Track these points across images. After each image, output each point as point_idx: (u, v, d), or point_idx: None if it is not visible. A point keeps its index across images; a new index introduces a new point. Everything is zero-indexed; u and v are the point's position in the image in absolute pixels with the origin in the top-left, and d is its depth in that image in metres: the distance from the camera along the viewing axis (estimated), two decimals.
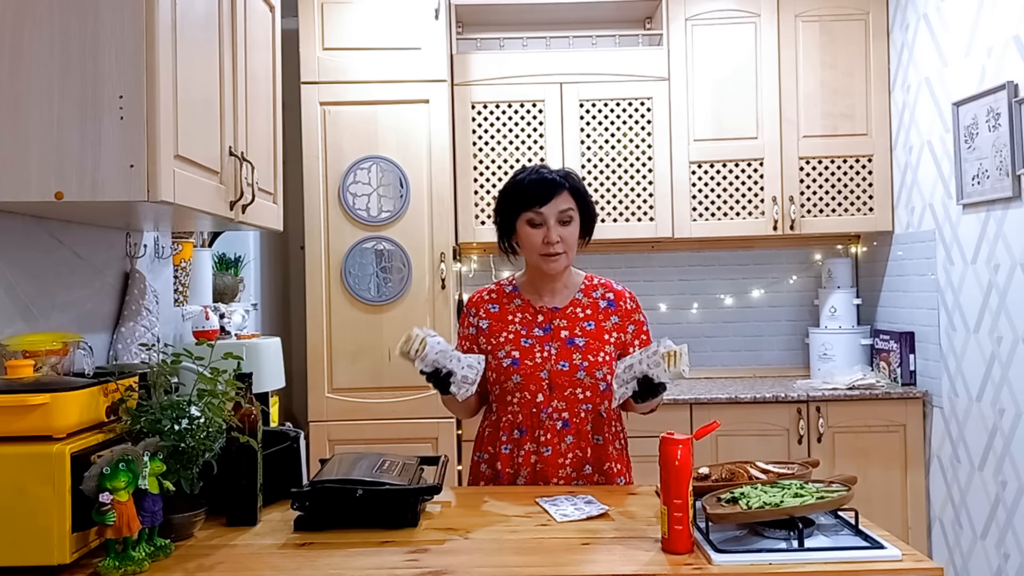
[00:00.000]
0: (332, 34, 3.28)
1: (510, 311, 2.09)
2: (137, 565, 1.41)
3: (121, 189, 1.50)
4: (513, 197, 2.04)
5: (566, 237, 2.00)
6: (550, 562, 1.46)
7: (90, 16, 1.51)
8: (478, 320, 2.10)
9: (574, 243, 2.03)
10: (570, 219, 2.01)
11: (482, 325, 2.09)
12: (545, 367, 2.01)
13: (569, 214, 2.01)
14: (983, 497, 2.97)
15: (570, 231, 2.02)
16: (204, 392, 1.64)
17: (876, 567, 1.40)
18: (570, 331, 2.04)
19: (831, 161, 3.54)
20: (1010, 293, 2.80)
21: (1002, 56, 2.80)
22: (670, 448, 1.48)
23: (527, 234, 2.02)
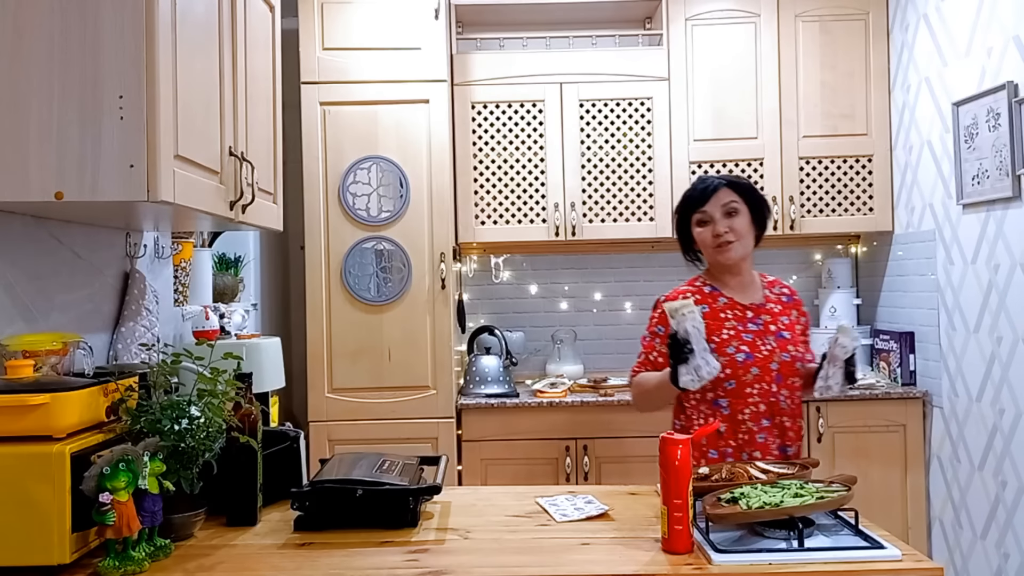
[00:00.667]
0: (332, 34, 3.28)
1: (720, 309, 2.15)
2: (137, 565, 1.41)
3: (121, 189, 1.50)
4: (682, 205, 2.21)
5: (735, 227, 2.11)
6: (550, 562, 1.46)
7: (90, 16, 1.51)
8: None
9: (744, 232, 2.13)
10: (735, 210, 2.12)
11: None
12: (774, 358, 2.09)
13: (732, 206, 2.11)
14: (983, 497, 2.97)
15: (738, 222, 2.12)
16: (204, 392, 1.64)
17: (876, 567, 1.40)
18: (776, 325, 2.15)
19: (831, 161, 3.54)
20: (1010, 293, 2.80)
21: (1002, 56, 2.80)
22: (670, 448, 1.48)
23: (699, 233, 2.16)
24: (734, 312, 2.14)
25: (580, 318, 3.86)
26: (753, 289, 2.20)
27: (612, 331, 3.86)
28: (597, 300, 3.87)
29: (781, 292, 2.24)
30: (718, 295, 2.17)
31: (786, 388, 2.11)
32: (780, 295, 2.23)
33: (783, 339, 2.13)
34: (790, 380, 2.12)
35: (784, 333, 2.14)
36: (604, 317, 3.87)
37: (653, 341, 2.18)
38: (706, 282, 2.22)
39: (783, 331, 2.14)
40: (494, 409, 3.26)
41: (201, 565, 1.47)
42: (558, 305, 3.88)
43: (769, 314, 2.16)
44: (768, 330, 2.13)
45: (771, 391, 2.09)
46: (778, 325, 2.15)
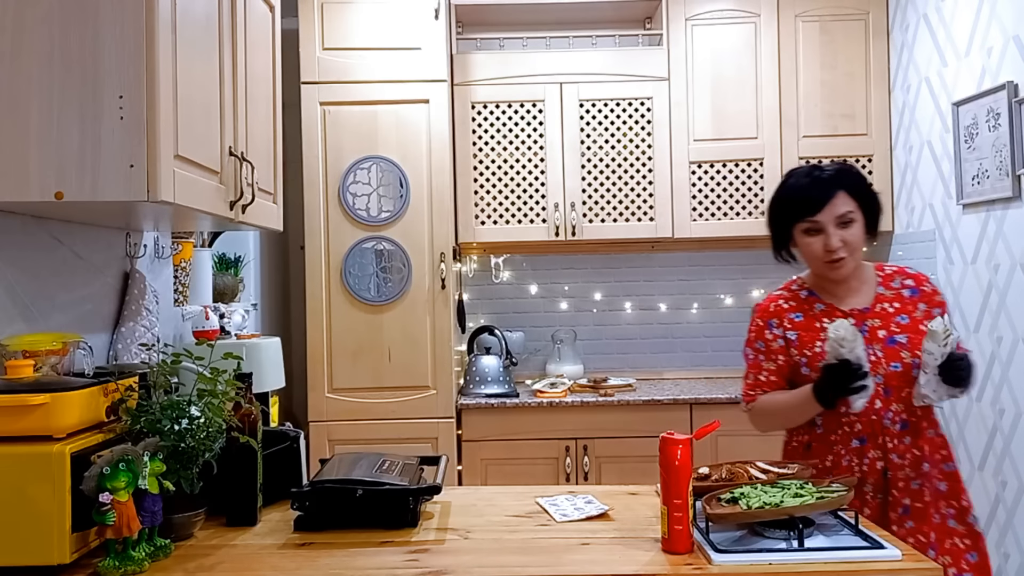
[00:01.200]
0: (332, 34, 3.28)
1: (815, 317, 1.96)
2: (137, 565, 1.41)
3: (121, 189, 1.50)
4: (785, 206, 1.96)
5: (849, 240, 1.89)
6: (550, 562, 1.46)
7: (90, 16, 1.51)
8: (784, 331, 1.98)
9: (859, 244, 1.91)
10: (851, 220, 1.89)
11: (790, 336, 1.97)
12: (877, 371, 1.86)
13: (849, 216, 1.89)
14: (983, 497, 2.97)
15: (852, 233, 1.90)
16: (204, 392, 1.64)
17: (876, 567, 1.40)
18: (887, 329, 1.91)
19: (831, 161, 3.53)
20: (1010, 293, 2.80)
21: (1002, 56, 2.80)
22: (670, 448, 1.48)
23: (805, 243, 1.94)
24: (832, 320, 1.89)
25: (580, 318, 3.86)
26: (862, 292, 1.97)
27: (612, 331, 3.86)
28: (597, 300, 3.87)
29: (903, 285, 1.99)
30: (815, 301, 1.99)
31: (899, 402, 1.87)
32: (901, 289, 1.98)
33: (894, 346, 1.88)
34: (905, 392, 1.86)
35: (898, 338, 1.89)
36: (604, 317, 3.87)
37: (758, 358, 2.01)
38: (803, 285, 2.04)
39: (896, 335, 1.90)
40: (494, 409, 3.26)
41: (201, 565, 1.47)
42: (558, 305, 3.88)
43: (878, 318, 1.93)
44: (875, 337, 1.90)
45: (872, 408, 1.86)
46: (889, 330, 1.91)
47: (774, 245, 2.04)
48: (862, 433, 1.88)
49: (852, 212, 1.90)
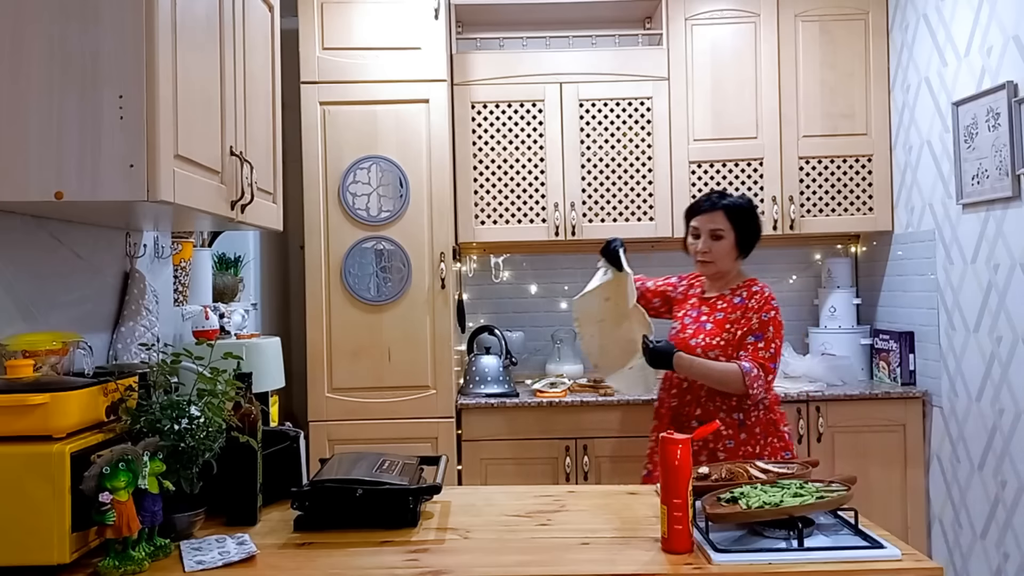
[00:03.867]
0: (332, 34, 3.27)
1: (691, 296, 2.68)
2: (137, 565, 1.42)
3: (121, 189, 1.50)
4: (688, 208, 2.65)
5: (714, 250, 2.53)
6: (550, 562, 1.46)
7: (90, 16, 1.51)
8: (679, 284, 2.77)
9: (723, 256, 2.54)
10: (721, 236, 2.52)
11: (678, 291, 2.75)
12: (682, 339, 2.56)
13: (719, 233, 2.52)
14: (983, 497, 2.97)
15: (719, 246, 2.53)
16: (204, 392, 1.64)
17: (876, 567, 1.40)
18: (708, 316, 2.56)
19: (831, 161, 3.54)
20: (1010, 293, 2.80)
21: (1002, 56, 2.80)
22: (669, 448, 1.48)
23: (689, 241, 2.60)
24: (695, 300, 2.65)
25: None
26: (718, 289, 2.60)
27: None
28: None
29: (740, 295, 2.55)
30: (697, 285, 2.70)
31: None
32: (734, 297, 2.55)
33: (699, 327, 2.55)
34: None
35: (707, 324, 2.54)
36: None
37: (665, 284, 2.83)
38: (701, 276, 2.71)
39: (708, 322, 2.55)
40: (494, 409, 3.26)
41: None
42: (558, 305, 3.88)
43: (708, 306, 2.59)
44: (699, 319, 2.58)
45: None
46: (709, 317, 2.56)
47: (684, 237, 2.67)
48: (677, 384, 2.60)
49: (723, 231, 2.53)
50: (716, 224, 2.52)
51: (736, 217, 2.53)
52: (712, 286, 2.63)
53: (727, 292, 2.57)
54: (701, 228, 2.55)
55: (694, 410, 2.52)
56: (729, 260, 2.56)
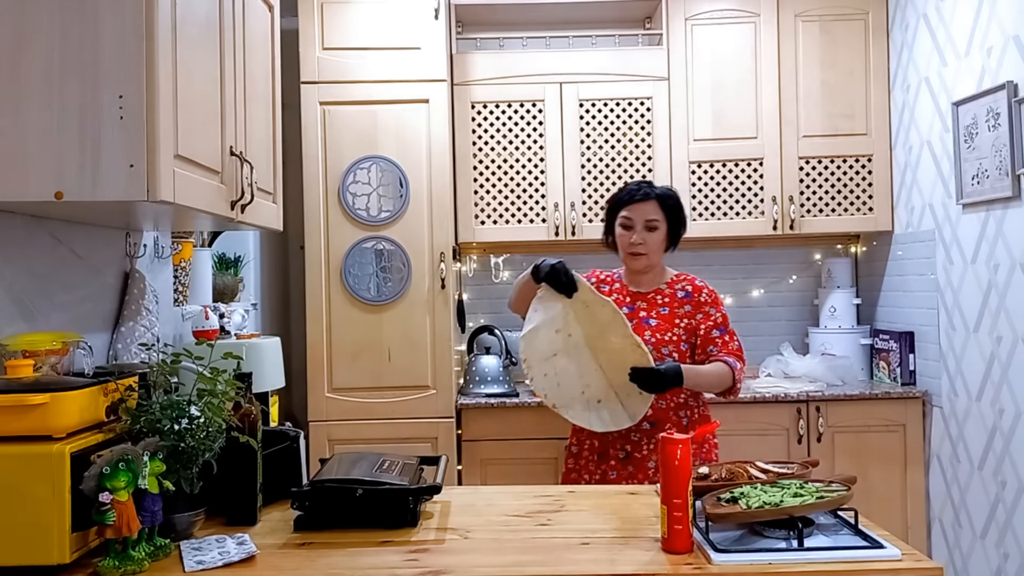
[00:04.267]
0: (332, 34, 3.28)
1: (612, 292, 2.49)
2: (137, 565, 1.41)
3: (121, 189, 1.50)
4: (614, 199, 2.49)
5: (649, 242, 2.40)
6: (550, 562, 1.46)
7: (90, 16, 1.51)
8: None
9: (656, 247, 2.43)
10: (655, 227, 2.41)
11: None
12: None
13: (655, 223, 2.40)
14: (983, 497, 2.97)
15: (653, 237, 2.41)
16: (204, 392, 1.64)
17: (876, 567, 1.40)
18: (647, 312, 2.44)
19: (831, 161, 3.54)
20: (1010, 293, 2.80)
21: (1002, 56, 2.80)
22: (669, 448, 1.48)
23: (620, 234, 2.46)
24: (619, 296, 2.48)
25: None
26: (650, 284, 2.49)
27: None
28: None
29: (682, 288, 2.47)
30: (618, 281, 2.54)
31: None
32: (678, 291, 2.46)
33: (644, 325, 2.41)
34: None
35: (650, 320, 2.43)
36: None
37: None
38: (619, 272, 2.57)
39: (650, 319, 2.43)
40: (494, 409, 3.26)
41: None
42: None
43: (646, 301, 2.47)
44: (636, 315, 2.43)
45: None
46: (648, 313, 2.44)
47: (604, 233, 2.55)
48: None
49: (658, 222, 2.42)
50: (651, 215, 2.41)
51: (669, 207, 2.43)
52: (638, 281, 2.50)
53: (663, 286, 2.47)
54: (635, 219, 2.41)
55: None
56: (660, 253, 2.45)
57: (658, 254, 2.44)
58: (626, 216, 2.42)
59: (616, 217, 2.46)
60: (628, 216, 2.42)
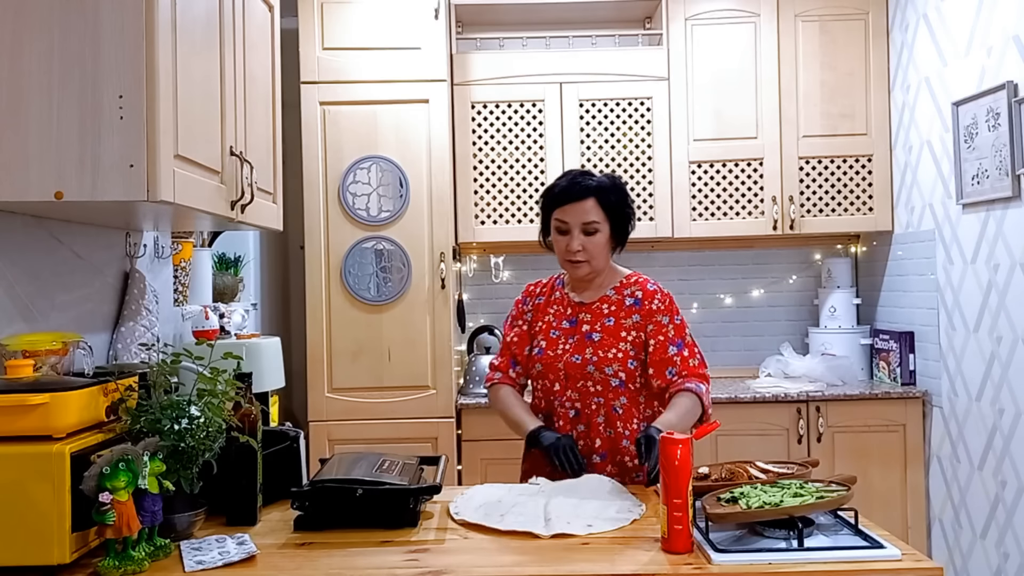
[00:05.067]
0: (332, 34, 3.28)
1: (551, 303, 2.18)
2: (137, 565, 1.41)
3: (121, 189, 1.50)
4: (546, 197, 2.12)
5: (589, 247, 2.04)
6: (550, 562, 1.46)
7: (90, 16, 1.51)
8: (527, 309, 2.21)
9: (599, 252, 2.06)
10: (595, 230, 2.04)
11: (528, 317, 2.21)
12: (563, 359, 2.07)
13: (594, 226, 2.04)
14: (983, 497, 2.97)
15: (594, 241, 2.04)
16: (204, 392, 1.64)
17: (876, 567, 1.40)
18: (591, 326, 2.09)
19: (831, 161, 3.54)
20: (1010, 293, 2.80)
21: (1002, 56, 2.80)
22: (669, 448, 1.48)
23: (556, 239, 2.10)
24: (558, 308, 2.15)
25: None
26: (595, 290, 2.13)
27: None
28: None
29: (630, 295, 2.09)
30: (558, 289, 2.19)
31: (576, 391, 2.06)
32: (627, 297, 2.09)
33: (588, 341, 2.06)
34: (580, 383, 2.05)
35: (594, 335, 2.06)
36: None
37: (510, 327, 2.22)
38: (561, 276, 2.22)
39: (594, 333, 2.07)
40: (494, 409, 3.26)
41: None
42: None
43: (590, 312, 2.10)
44: (578, 330, 2.09)
45: (551, 389, 2.09)
46: (592, 326, 2.08)
47: (540, 231, 2.18)
48: (544, 410, 2.13)
49: (598, 223, 2.04)
50: (589, 216, 2.03)
51: (610, 204, 2.05)
52: (582, 289, 2.14)
53: (610, 292, 2.11)
54: (570, 222, 2.04)
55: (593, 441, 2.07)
56: (605, 257, 2.09)
57: (602, 258, 2.08)
58: (560, 220, 2.05)
59: (551, 217, 2.09)
60: (562, 220, 2.05)
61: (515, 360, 2.20)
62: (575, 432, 2.06)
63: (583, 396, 2.06)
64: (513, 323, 2.22)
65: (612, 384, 2.05)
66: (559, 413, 2.08)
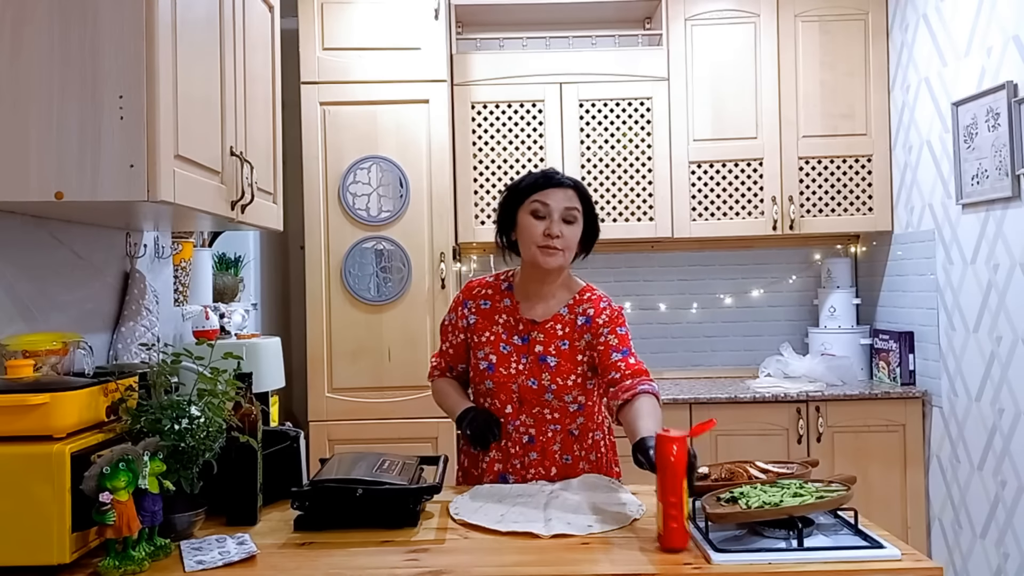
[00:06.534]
0: (332, 34, 3.28)
1: (498, 311, 2.03)
2: (137, 565, 1.41)
3: (121, 189, 1.50)
4: (521, 184, 1.98)
5: (567, 236, 1.93)
6: (550, 562, 1.46)
7: (90, 16, 1.51)
8: (469, 313, 2.06)
9: (573, 245, 1.96)
10: (574, 219, 1.95)
11: (470, 320, 2.06)
12: (517, 380, 1.98)
13: (574, 214, 1.95)
14: (983, 497, 2.97)
15: (572, 231, 1.95)
16: (204, 392, 1.64)
17: (876, 567, 1.40)
18: (544, 347, 1.97)
19: (831, 161, 3.54)
20: (1009, 293, 2.80)
21: (1002, 56, 2.80)
22: (665, 445, 1.48)
23: (529, 224, 1.94)
24: (507, 319, 2.01)
25: None
26: (549, 305, 2.00)
27: None
28: None
29: (582, 313, 1.98)
30: (507, 295, 2.04)
31: (528, 415, 1.98)
32: (578, 316, 1.98)
33: (542, 364, 1.96)
34: (536, 409, 1.98)
35: (548, 359, 1.96)
36: None
37: (447, 331, 2.11)
38: (509, 278, 2.08)
39: (549, 356, 1.96)
40: None
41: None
42: None
43: (543, 332, 1.98)
44: (531, 350, 1.97)
45: (503, 411, 1.99)
46: (546, 349, 1.96)
47: (498, 230, 2.06)
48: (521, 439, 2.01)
49: (577, 213, 1.96)
50: (571, 202, 1.95)
51: (586, 200, 1.98)
52: (534, 297, 2.01)
53: (563, 311, 1.99)
54: (553, 206, 1.92)
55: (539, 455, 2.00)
56: (571, 254, 1.98)
57: (571, 254, 1.97)
58: (540, 201, 1.93)
59: (521, 205, 1.96)
60: (543, 201, 1.92)
61: (451, 368, 2.13)
62: (527, 459, 1.98)
63: (538, 423, 1.98)
64: (450, 331, 2.09)
65: (571, 409, 1.98)
66: (512, 438, 1.98)
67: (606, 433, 2.08)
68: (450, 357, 2.12)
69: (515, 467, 2.00)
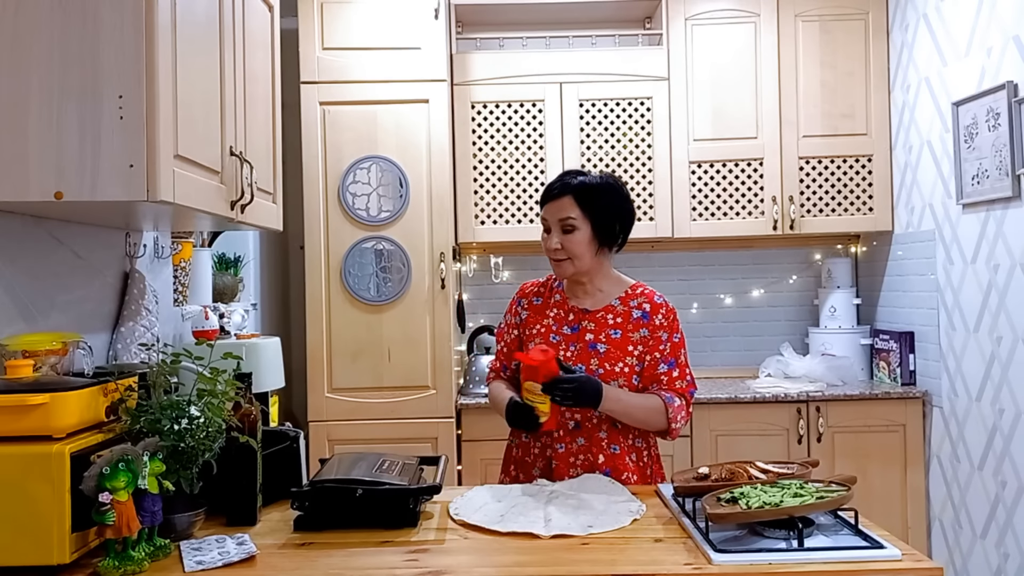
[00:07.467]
0: (332, 34, 3.28)
1: (549, 305, 2.13)
2: (137, 565, 1.41)
3: (121, 189, 1.50)
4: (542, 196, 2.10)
5: (567, 245, 2.00)
6: (550, 562, 1.46)
7: (90, 16, 1.51)
8: (522, 310, 2.17)
9: (580, 251, 2.00)
10: (572, 228, 2.00)
11: (523, 316, 2.16)
12: None
13: (571, 223, 2.00)
14: (983, 497, 2.97)
15: (572, 239, 2.00)
16: (204, 392, 1.64)
17: (876, 567, 1.40)
18: (595, 335, 2.03)
19: (831, 161, 3.54)
20: (1010, 293, 2.80)
21: (1002, 56, 2.80)
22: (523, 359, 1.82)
23: (542, 238, 2.08)
24: (558, 311, 2.09)
25: None
26: (597, 297, 2.08)
27: None
28: None
29: (637, 307, 2.06)
30: (557, 291, 2.14)
31: None
32: (633, 309, 2.05)
33: (592, 351, 2.01)
34: None
35: (599, 345, 2.01)
36: None
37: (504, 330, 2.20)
38: None
39: (599, 343, 2.01)
40: None
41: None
42: None
43: (593, 321, 2.04)
44: (581, 338, 2.03)
45: None
46: (596, 336, 2.02)
47: None
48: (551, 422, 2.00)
49: (575, 220, 2.00)
50: (565, 212, 2.00)
51: (589, 202, 2.00)
52: (581, 294, 2.10)
53: (615, 303, 2.06)
54: (550, 219, 2.03)
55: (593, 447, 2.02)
56: (589, 256, 2.02)
57: (586, 258, 2.02)
58: (543, 218, 2.06)
59: None
60: (544, 217, 2.05)
61: (506, 368, 2.21)
62: (575, 445, 2.00)
63: (584, 408, 1.98)
64: (504, 331, 2.20)
65: None
66: (560, 422, 2.00)
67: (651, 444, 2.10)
68: (504, 356, 2.19)
69: (559, 452, 2.01)
